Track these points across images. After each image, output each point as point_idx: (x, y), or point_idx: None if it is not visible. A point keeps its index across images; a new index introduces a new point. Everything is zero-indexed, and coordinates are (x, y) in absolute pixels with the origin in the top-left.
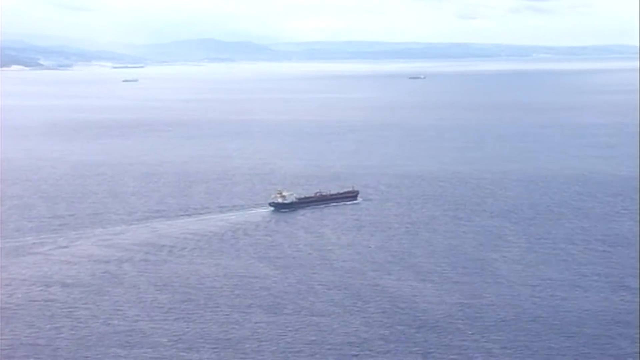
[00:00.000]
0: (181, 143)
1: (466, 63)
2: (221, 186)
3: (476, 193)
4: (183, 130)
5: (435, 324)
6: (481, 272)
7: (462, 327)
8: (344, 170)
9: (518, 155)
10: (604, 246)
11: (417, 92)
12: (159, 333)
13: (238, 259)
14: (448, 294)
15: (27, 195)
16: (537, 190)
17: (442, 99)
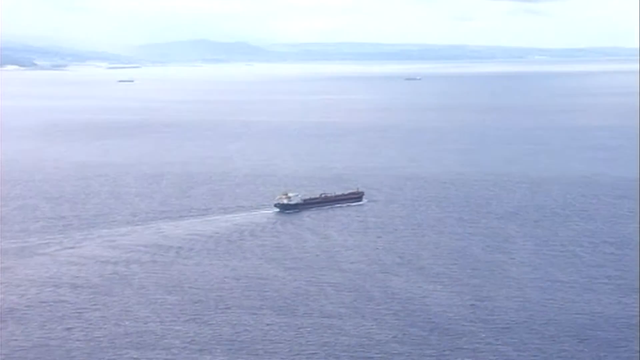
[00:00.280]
0: (182, 144)
1: (462, 65)
2: (224, 187)
3: (480, 195)
4: (183, 131)
5: (447, 326)
6: (490, 274)
7: (475, 330)
8: (346, 171)
9: (520, 157)
10: (612, 248)
11: (414, 94)
12: (171, 335)
13: (246, 260)
14: (458, 296)
15: (30, 196)
16: (541, 192)
17: (440, 101)
